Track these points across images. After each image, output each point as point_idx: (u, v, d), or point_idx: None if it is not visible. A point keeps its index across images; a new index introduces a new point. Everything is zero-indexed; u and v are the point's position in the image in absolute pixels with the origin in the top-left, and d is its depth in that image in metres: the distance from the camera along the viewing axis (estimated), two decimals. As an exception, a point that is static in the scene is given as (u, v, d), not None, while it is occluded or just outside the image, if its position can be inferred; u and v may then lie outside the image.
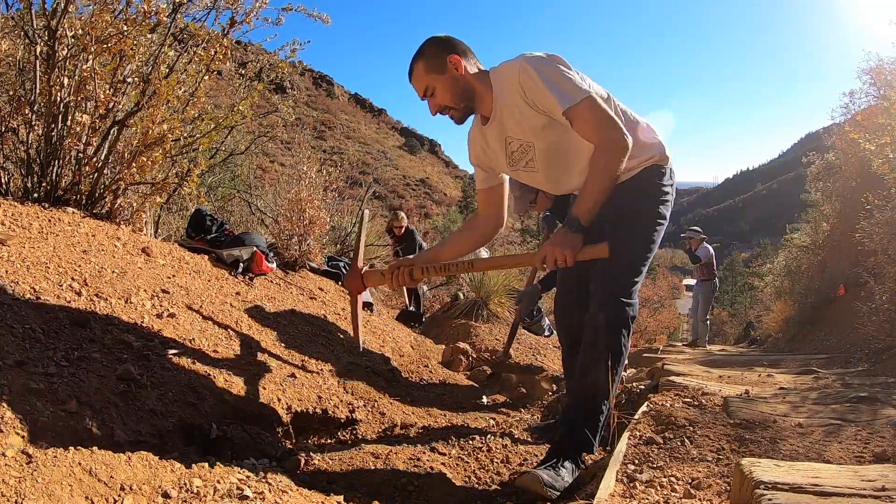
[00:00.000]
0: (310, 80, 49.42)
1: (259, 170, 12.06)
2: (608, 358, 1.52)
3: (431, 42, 1.65)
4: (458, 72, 1.62)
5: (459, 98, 1.64)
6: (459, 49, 1.64)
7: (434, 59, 1.62)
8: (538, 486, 1.39)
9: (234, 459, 1.46)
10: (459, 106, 1.65)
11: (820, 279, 7.62)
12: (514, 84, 1.56)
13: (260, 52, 4.09)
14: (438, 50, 1.62)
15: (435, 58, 1.62)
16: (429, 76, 1.62)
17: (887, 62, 6.29)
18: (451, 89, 1.62)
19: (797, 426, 1.65)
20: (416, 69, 1.65)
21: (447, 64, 1.61)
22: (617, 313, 1.55)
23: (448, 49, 1.62)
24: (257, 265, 3.17)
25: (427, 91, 1.64)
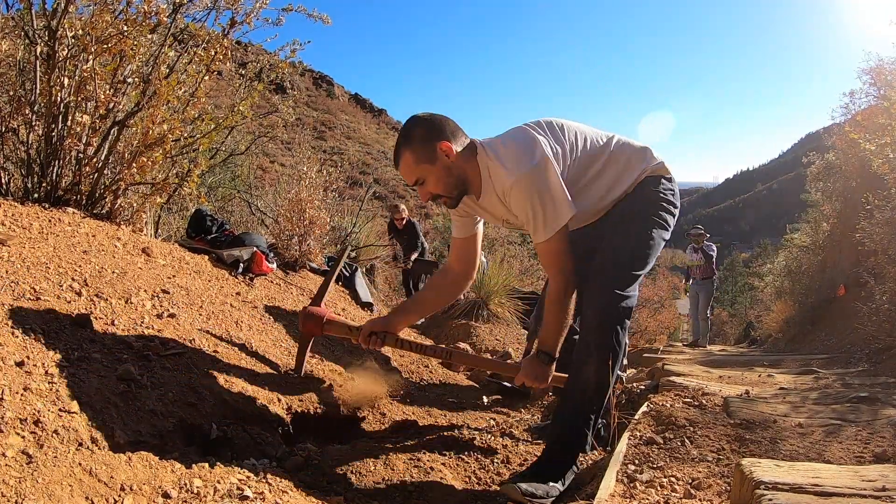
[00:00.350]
0: (310, 80, 49.40)
1: (259, 170, 12.06)
2: (601, 356, 1.49)
3: (417, 126, 1.56)
4: (449, 160, 1.54)
5: (452, 187, 1.58)
6: (448, 132, 1.55)
7: (422, 148, 1.53)
8: (517, 495, 1.37)
9: (235, 460, 1.46)
10: (452, 194, 1.59)
11: (820, 279, 7.62)
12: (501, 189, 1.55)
13: (260, 53, 4.09)
14: (427, 136, 1.53)
15: (423, 146, 1.53)
16: (418, 167, 1.54)
17: (887, 62, 6.28)
18: (444, 179, 1.56)
19: (797, 426, 1.65)
20: (403, 158, 1.55)
21: (437, 152, 1.53)
22: (610, 312, 1.52)
23: (436, 135, 1.54)
24: (257, 265, 3.17)
25: (418, 181, 1.56)
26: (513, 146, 1.55)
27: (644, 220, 1.63)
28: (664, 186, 1.66)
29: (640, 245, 1.61)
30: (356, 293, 4.12)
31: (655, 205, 1.64)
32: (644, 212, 1.63)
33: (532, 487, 1.38)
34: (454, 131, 1.57)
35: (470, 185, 1.60)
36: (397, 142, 1.57)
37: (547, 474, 1.45)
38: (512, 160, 1.51)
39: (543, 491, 1.39)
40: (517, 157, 1.51)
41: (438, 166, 1.54)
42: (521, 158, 1.50)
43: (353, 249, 6.06)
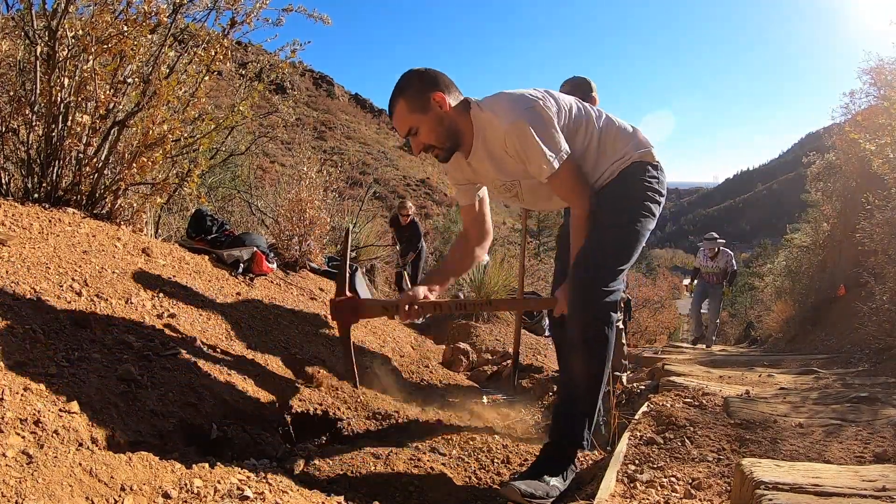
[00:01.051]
0: (310, 80, 49.40)
1: (259, 170, 12.05)
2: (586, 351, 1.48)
3: (412, 77, 1.58)
4: (442, 110, 1.56)
5: (444, 138, 1.60)
6: (442, 84, 1.58)
7: (417, 98, 1.56)
8: (516, 496, 1.36)
9: (235, 460, 1.46)
10: (444, 146, 1.61)
11: (820, 279, 7.62)
12: (498, 139, 1.56)
13: (260, 53, 4.09)
14: (421, 86, 1.56)
15: (417, 96, 1.56)
16: (412, 115, 1.56)
17: (887, 62, 6.27)
18: (436, 129, 1.58)
19: (797, 426, 1.65)
20: (397, 107, 1.58)
21: (430, 102, 1.55)
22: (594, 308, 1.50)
23: (431, 86, 1.56)
24: (258, 265, 3.17)
25: (410, 131, 1.59)
26: (505, 98, 1.58)
27: (628, 212, 1.61)
28: (650, 174, 1.65)
29: (623, 239, 1.59)
30: (356, 293, 4.12)
31: (641, 194, 1.63)
32: (629, 203, 1.62)
33: (531, 488, 1.37)
34: (448, 85, 1.60)
35: (461, 138, 1.62)
36: (392, 93, 1.59)
37: (546, 473, 1.45)
38: (505, 109, 1.54)
39: (543, 491, 1.38)
40: (510, 105, 1.54)
41: (431, 116, 1.56)
42: (514, 106, 1.53)
43: (353, 249, 6.06)
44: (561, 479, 1.45)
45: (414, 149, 1.63)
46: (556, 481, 1.43)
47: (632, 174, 1.63)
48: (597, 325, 1.48)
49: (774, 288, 10.06)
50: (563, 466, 1.48)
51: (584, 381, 1.50)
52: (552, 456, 1.51)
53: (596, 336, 1.48)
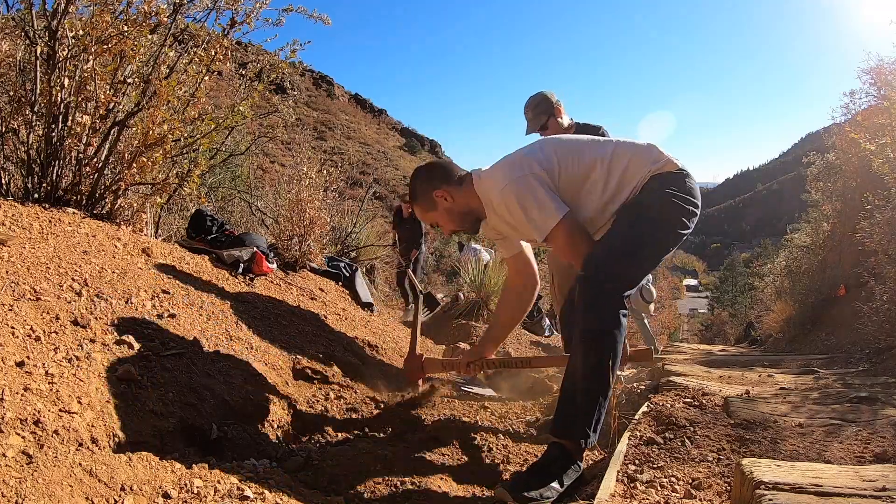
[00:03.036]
0: (310, 80, 49.39)
1: (259, 170, 12.05)
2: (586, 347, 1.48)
3: (417, 179, 1.81)
4: (447, 203, 1.75)
5: (460, 221, 1.79)
6: (440, 178, 1.76)
7: (424, 200, 1.78)
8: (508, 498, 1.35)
9: (235, 460, 1.46)
10: (465, 226, 1.81)
11: (820, 279, 7.62)
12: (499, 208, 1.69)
13: (260, 53, 4.09)
14: (425, 189, 1.77)
15: (424, 198, 1.78)
16: (428, 214, 1.80)
17: (887, 62, 6.28)
18: (450, 218, 1.79)
19: (798, 426, 1.64)
20: (416, 210, 1.85)
21: (435, 200, 1.76)
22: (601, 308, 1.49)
23: (431, 185, 1.76)
24: (258, 266, 3.17)
25: (433, 224, 1.85)
26: (499, 166, 1.72)
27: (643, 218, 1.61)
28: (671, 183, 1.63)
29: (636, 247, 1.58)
30: (356, 293, 4.12)
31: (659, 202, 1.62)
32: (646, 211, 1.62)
33: (525, 489, 1.36)
34: (446, 174, 1.78)
35: (477, 212, 1.78)
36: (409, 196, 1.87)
37: (545, 474, 1.43)
38: (499, 175, 1.68)
39: (537, 493, 1.37)
40: (503, 172, 1.68)
41: (441, 210, 1.77)
42: (506, 172, 1.66)
43: (353, 249, 6.06)
44: (558, 482, 1.43)
45: (445, 233, 1.88)
46: (553, 482, 1.41)
47: (652, 187, 1.64)
48: (597, 322, 1.48)
49: (774, 288, 10.06)
50: (564, 467, 1.46)
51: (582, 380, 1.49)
52: (553, 456, 1.49)
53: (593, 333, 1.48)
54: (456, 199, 1.75)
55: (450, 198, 1.75)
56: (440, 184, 1.75)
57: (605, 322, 1.48)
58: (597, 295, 1.50)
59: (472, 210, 1.77)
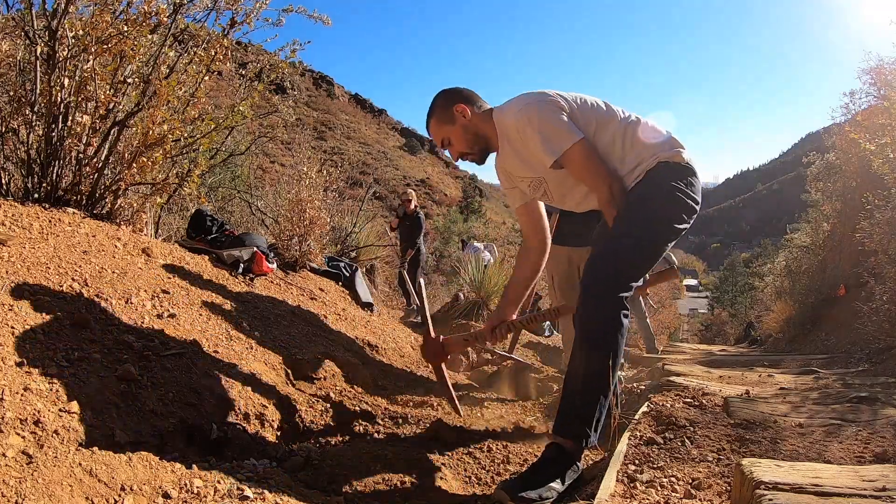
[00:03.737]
0: (310, 80, 49.40)
1: (259, 170, 12.05)
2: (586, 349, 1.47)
3: (439, 95, 1.81)
4: (465, 119, 1.76)
5: (472, 143, 1.79)
6: (463, 97, 1.77)
7: (443, 112, 1.78)
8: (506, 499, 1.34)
9: (235, 460, 1.46)
10: (475, 150, 1.80)
11: (820, 279, 7.62)
12: (513, 131, 1.70)
13: (260, 53, 4.09)
14: (445, 102, 1.78)
15: (443, 111, 1.77)
16: (442, 128, 1.78)
17: (887, 62, 6.28)
18: (464, 137, 1.77)
19: (797, 426, 1.64)
20: (430, 124, 1.83)
21: (454, 114, 1.76)
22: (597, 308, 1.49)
23: (453, 100, 1.77)
24: (258, 265, 3.18)
25: (444, 142, 1.81)
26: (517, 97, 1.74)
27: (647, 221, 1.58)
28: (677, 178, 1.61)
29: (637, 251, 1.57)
30: (356, 293, 4.12)
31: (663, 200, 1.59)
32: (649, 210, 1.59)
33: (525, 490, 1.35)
34: (469, 97, 1.79)
35: (490, 142, 1.79)
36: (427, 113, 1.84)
37: (544, 474, 1.42)
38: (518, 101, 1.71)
39: (536, 493, 1.36)
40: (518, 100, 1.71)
41: (457, 126, 1.76)
42: (521, 100, 1.70)
43: (353, 249, 6.06)
44: (559, 482, 1.42)
45: (452, 157, 1.86)
46: (553, 482, 1.41)
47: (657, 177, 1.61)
48: (597, 325, 1.47)
49: (774, 288, 10.06)
50: (563, 467, 1.45)
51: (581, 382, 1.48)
52: (552, 456, 1.49)
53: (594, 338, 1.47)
54: (473, 120, 1.77)
55: (468, 115, 1.76)
56: (463, 100, 1.78)
57: (605, 323, 1.47)
58: (597, 296, 1.49)
59: (486, 136, 1.78)
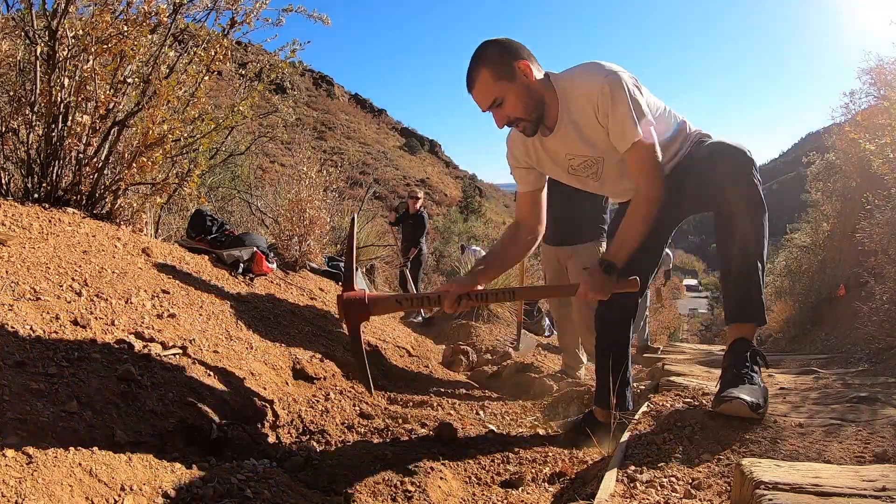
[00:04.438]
0: (310, 80, 49.40)
1: (259, 170, 12.05)
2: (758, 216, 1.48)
3: (493, 46, 1.49)
4: (528, 79, 1.49)
5: (532, 108, 1.52)
6: (525, 53, 1.51)
7: (501, 66, 1.46)
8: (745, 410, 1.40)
9: (235, 460, 1.46)
10: (532, 117, 1.53)
11: (820, 279, 7.61)
12: (589, 100, 1.48)
13: (260, 53, 4.10)
14: (504, 54, 1.48)
15: (502, 64, 1.47)
16: (497, 84, 1.47)
17: (887, 62, 6.28)
18: (523, 99, 1.49)
19: (797, 426, 1.64)
20: (480, 77, 1.48)
21: (516, 70, 1.47)
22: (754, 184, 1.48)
23: (515, 54, 1.49)
24: (257, 265, 3.18)
25: (495, 101, 1.49)
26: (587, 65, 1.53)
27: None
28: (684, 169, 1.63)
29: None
30: (359, 292, 4.12)
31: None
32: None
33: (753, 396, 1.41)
34: (531, 55, 1.52)
35: (547, 110, 1.54)
36: (470, 64, 1.49)
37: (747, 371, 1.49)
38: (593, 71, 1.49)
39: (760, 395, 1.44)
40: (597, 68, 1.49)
41: (517, 85, 1.48)
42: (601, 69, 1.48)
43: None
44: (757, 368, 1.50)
45: (498, 121, 1.54)
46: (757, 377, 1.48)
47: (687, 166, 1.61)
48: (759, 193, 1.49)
49: (774, 288, 10.06)
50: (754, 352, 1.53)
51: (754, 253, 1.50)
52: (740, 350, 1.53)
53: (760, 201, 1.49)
54: (535, 80, 1.50)
55: (532, 74, 1.49)
56: (528, 57, 1.50)
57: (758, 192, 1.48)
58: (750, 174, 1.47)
59: (544, 101, 1.52)
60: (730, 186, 1.46)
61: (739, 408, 1.40)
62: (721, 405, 1.44)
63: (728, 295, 1.58)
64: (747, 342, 1.55)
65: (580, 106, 1.51)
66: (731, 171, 1.47)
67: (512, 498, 1.48)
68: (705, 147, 1.59)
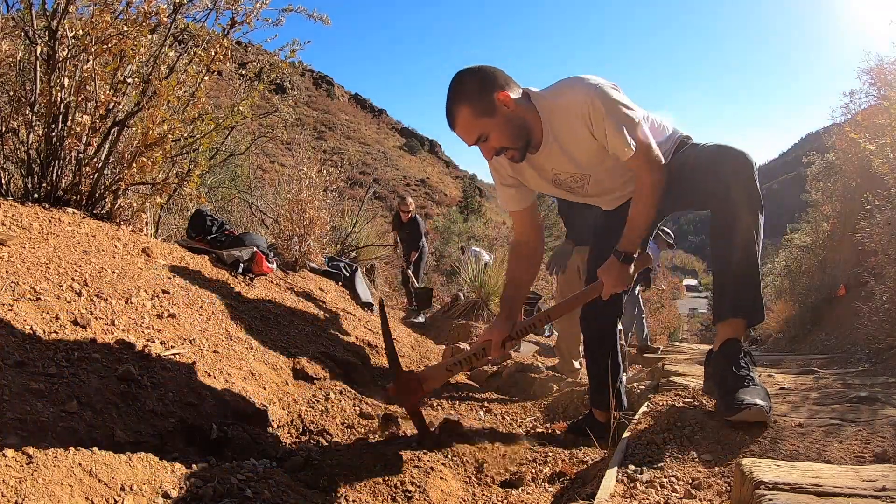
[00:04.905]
0: (310, 80, 49.41)
1: (259, 170, 12.05)
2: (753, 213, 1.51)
3: (469, 80, 1.48)
4: (508, 109, 1.48)
5: (516, 137, 1.51)
6: (501, 81, 1.49)
7: (480, 101, 1.46)
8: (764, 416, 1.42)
9: (235, 460, 1.46)
10: (518, 144, 1.53)
11: (820, 279, 7.62)
12: (577, 114, 1.49)
13: (260, 53, 4.10)
14: (482, 89, 1.46)
15: (481, 100, 1.46)
16: (479, 121, 1.47)
17: (887, 62, 6.28)
18: (507, 130, 1.49)
19: (797, 426, 1.64)
20: (460, 116, 1.48)
21: (496, 103, 1.46)
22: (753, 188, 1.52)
23: (492, 85, 1.47)
24: (257, 265, 3.18)
25: (480, 138, 1.50)
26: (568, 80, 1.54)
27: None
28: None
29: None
30: (356, 293, 4.13)
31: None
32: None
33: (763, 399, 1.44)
34: (507, 80, 1.51)
35: (532, 133, 1.54)
36: (449, 100, 1.49)
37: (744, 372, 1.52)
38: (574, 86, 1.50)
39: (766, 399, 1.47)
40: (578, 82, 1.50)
41: (499, 118, 1.47)
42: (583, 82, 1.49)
43: (353, 249, 6.06)
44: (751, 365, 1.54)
45: (485, 155, 1.56)
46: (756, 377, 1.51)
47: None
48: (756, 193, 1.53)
49: (774, 288, 10.06)
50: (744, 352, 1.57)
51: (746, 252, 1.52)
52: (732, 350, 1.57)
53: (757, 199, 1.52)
54: (516, 108, 1.48)
55: (512, 104, 1.47)
56: (504, 86, 1.48)
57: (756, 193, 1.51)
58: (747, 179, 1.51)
59: (529, 126, 1.52)
60: (734, 185, 1.49)
61: (759, 414, 1.40)
62: (741, 413, 1.41)
63: (724, 292, 1.58)
64: (738, 342, 1.57)
65: (567, 123, 1.52)
66: (735, 170, 1.50)
67: (512, 498, 1.48)
68: (709, 146, 1.62)
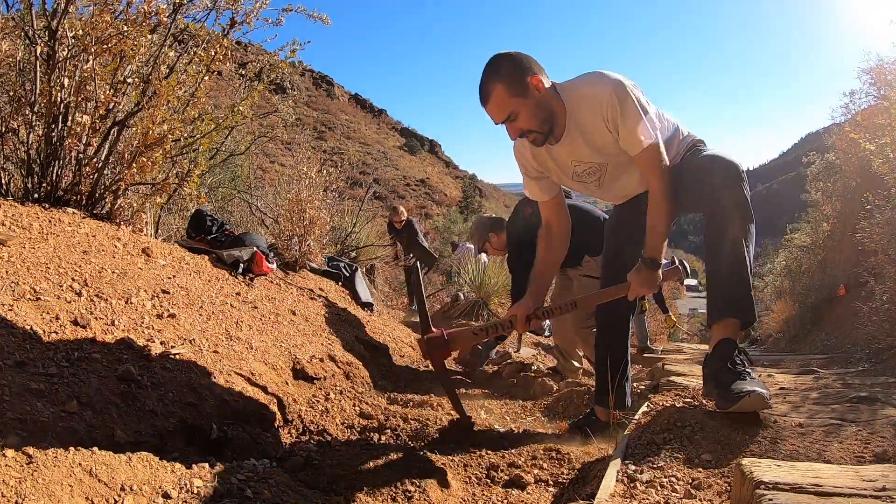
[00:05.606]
0: (310, 80, 49.41)
1: (259, 170, 12.04)
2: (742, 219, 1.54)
3: (506, 61, 1.55)
4: (540, 93, 1.55)
5: (543, 121, 1.58)
6: (536, 67, 1.57)
7: (515, 82, 1.53)
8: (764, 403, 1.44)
9: (235, 460, 1.46)
10: (543, 129, 1.60)
11: (820, 279, 7.62)
12: (597, 107, 1.55)
13: (260, 53, 4.10)
14: (517, 70, 1.53)
15: (515, 80, 1.53)
16: (512, 100, 1.54)
17: (887, 62, 6.29)
18: (536, 113, 1.56)
19: (797, 426, 1.64)
20: (495, 93, 1.54)
21: (529, 86, 1.54)
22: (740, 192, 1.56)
23: (527, 69, 1.54)
24: (257, 265, 3.17)
25: (510, 117, 1.56)
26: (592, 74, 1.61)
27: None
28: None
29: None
30: (356, 293, 4.12)
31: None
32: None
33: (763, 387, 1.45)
34: (541, 68, 1.58)
35: (556, 120, 1.61)
36: (484, 79, 1.55)
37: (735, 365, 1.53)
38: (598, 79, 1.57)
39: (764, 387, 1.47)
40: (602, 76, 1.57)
41: (530, 100, 1.54)
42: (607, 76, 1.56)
43: (353, 249, 6.06)
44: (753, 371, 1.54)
45: (511, 134, 1.62)
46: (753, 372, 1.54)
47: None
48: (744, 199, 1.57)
49: (774, 288, 10.08)
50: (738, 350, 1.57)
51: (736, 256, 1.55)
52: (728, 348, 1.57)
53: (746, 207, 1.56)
54: (547, 94, 1.56)
55: (544, 90, 1.55)
56: (539, 71, 1.56)
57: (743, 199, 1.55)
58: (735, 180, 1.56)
59: (555, 114, 1.59)
60: (726, 193, 1.54)
61: (758, 401, 1.41)
62: (741, 401, 1.42)
63: (716, 294, 1.61)
64: (732, 342, 1.57)
65: (587, 114, 1.58)
66: (727, 179, 1.55)
67: (512, 498, 1.48)
68: (703, 155, 1.67)
